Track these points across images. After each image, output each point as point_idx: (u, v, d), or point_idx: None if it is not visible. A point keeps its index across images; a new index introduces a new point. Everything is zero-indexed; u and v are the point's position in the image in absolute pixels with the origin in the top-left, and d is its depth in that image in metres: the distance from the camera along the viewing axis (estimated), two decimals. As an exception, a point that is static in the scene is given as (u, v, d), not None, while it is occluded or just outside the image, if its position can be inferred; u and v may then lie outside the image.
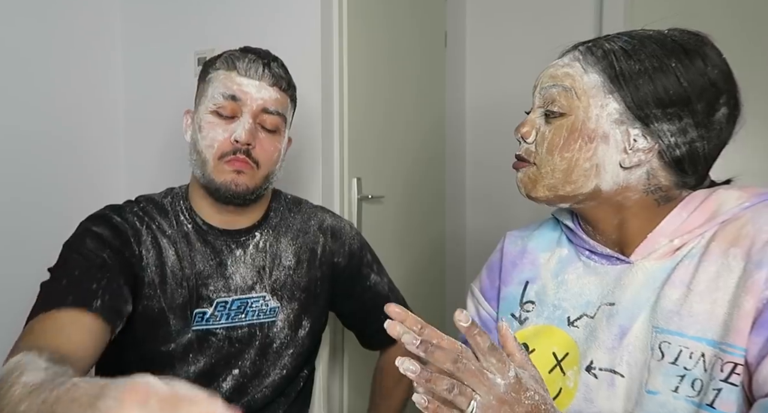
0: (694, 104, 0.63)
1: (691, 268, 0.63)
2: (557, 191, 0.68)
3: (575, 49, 0.69)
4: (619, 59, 0.64)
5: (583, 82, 0.66)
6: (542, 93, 0.70)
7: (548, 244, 0.80)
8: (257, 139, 0.88)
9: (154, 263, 0.88)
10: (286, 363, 0.97)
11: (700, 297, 0.61)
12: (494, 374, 0.52)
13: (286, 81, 0.92)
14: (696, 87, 0.63)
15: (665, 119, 0.63)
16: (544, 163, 0.68)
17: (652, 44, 0.64)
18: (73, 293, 0.76)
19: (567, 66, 0.68)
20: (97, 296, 0.76)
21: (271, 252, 0.97)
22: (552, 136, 0.67)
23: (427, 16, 1.87)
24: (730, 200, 0.64)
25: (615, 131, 0.65)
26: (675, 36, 0.66)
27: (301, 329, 0.98)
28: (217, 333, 0.91)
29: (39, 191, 1.33)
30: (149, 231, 0.89)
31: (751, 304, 0.57)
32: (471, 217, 2.21)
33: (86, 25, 1.44)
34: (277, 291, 0.96)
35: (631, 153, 0.65)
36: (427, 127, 1.86)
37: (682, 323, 0.61)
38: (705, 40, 0.66)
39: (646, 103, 0.63)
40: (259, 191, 0.91)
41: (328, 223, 1.05)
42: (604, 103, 0.65)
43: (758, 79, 1.66)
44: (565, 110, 0.66)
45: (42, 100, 1.33)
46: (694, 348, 0.60)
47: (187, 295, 0.89)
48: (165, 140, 1.47)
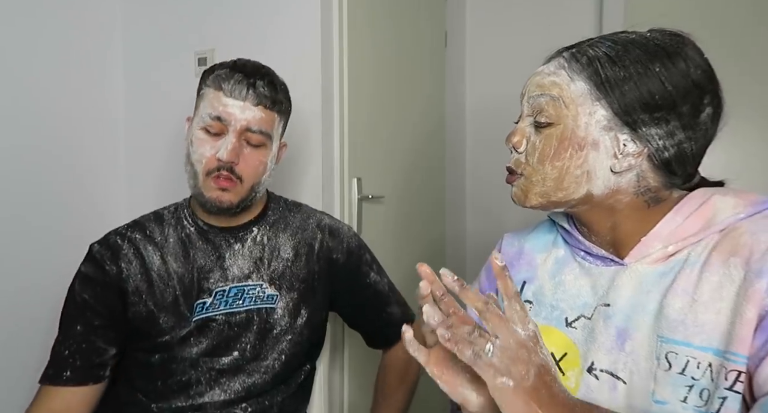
0: (680, 107, 0.64)
1: (694, 277, 0.63)
2: (549, 197, 0.69)
3: (560, 56, 0.70)
4: (604, 66, 0.65)
5: (570, 90, 0.66)
6: (530, 102, 0.70)
7: (544, 245, 0.81)
8: (241, 155, 0.94)
9: (138, 271, 0.97)
10: (284, 348, 1.01)
11: (705, 307, 0.61)
12: (515, 324, 0.55)
13: (270, 100, 0.95)
14: (680, 90, 0.63)
15: (653, 124, 0.64)
16: (534, 172, 0.69)
17: (636, 49, 0.65)
18: (53, 366, 0.93)
19: (553, 74, 0.68)
20: (67, 365, 0.92)
21: (269, 245, 1.03)
22: (543, 146, 0.68)
23: (427, 16, 1.87)
24: (726, 208, 0.65)
25: (604, 137, 0.65)
26: (657, 39, 0.66)
27: (299, 317, 1.02)
28: (216, 319, 0.98)
29: (39, 191, 1.32)
30: (130, 244, 0.99)
31: (753, 312, 0.57)
32: (471, 216, 2.21)
33: (86, 25, 1.44)
34: (275, 281, 1.01)
35: (621, 158, 0.65)
36: (427, 126, 1.86)
37: (687, 332, 0.62)
38: (686, 41, 0.66)
39: (633, 108, 0.64)
40: (245, 203, 0.98)
41: (326, 222, 1.10)
42: (592, 110, 0.65)
43: (757, 77, 1.66)
44: (554, 119, 0.67)
45: (42, 100, 1.33)
46: (701, 358, 0.60)
47: (180, 291, 0.97)
48: (165, 139, 1.47)
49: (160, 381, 0.96)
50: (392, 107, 1.62)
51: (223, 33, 1.39)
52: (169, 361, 0.96)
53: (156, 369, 0.96)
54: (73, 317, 0.96)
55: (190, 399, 0.96)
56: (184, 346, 0.96)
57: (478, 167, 2.17)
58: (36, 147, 1.32)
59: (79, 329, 0.94)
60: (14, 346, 1.26)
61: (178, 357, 0.96)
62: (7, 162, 1.26)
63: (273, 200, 1.09)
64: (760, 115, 1.65)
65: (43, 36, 1.34)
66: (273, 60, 1.32)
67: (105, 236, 1.02)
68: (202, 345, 0.97)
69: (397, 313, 1.12)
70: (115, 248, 0.98)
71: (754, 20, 1.68)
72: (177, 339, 0.96)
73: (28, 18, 1.31)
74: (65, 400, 0.92)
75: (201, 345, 0.96)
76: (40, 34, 1.33)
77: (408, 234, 1.74)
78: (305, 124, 1.30)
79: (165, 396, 0.96)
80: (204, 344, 0.97)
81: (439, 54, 1.96)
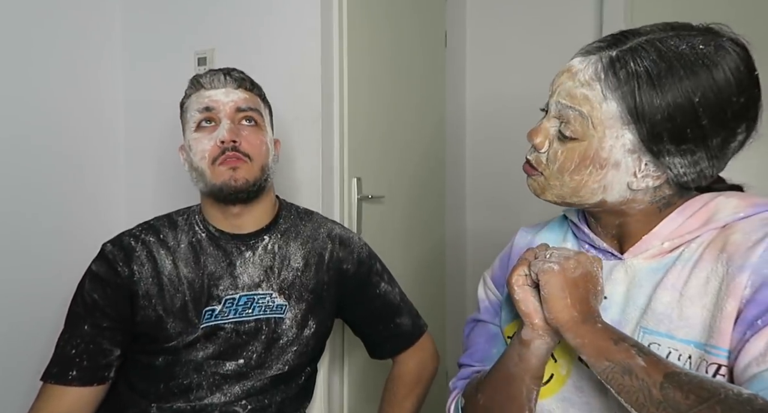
0: (710, 140, 0.62)
1: (685, 273, 0.65)
2: (564, 199, 0.70)
3: (599, 55, 0.65)
4: (641, 87, 0.61)
5: (601, 110, 0.63)
6: (558, 107, 0.68)
7: (555, 239, 0.82)
8: (241, 135, 0.95)
9: (150, 275, 0.96)
10: (289, 359, 1.01)
11: (691, 302, 0.63)
12: None
13: (248, 82, 1.01)
14: (716, 123, 0.61)
15: (678, 154, 0.63)
16: (553, 177, 0.69)
17: (681, 69, 0.60)
18: (58, 364, 0.92)
19: (587, 86, 0.64)
20: (73, 364, 0.91)
21: (279, 254, 1.02)
22: (564, 158, 0.67)
23: (427, 16, 1.87)
24: (727, 208, 0.65)
25: (627, 159, 0.65)
26: (707, 56, 0.60)
27: (306, 328, 1.02)
28: (225, 327, 0.97)
29: (38, 191, 1.32)
30: (144, 246, 0.98)
31: (732, 306, 0.59)
32: (471, 216, 2.21)
33: (86, 25, 1.44)
34: (285, 290, 1.01)
35: (640, 178, 0.65)
36: (427, 126, 1.86)
37: (672, 326, 0.63)
38: (739, 56, 0.62)
39: (661, 139, 0.62)
40: (259, 183, 0.97)
41: (337, 232, 1.10)
42: (619, 134, 0.63)
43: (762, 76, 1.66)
44: (579, 135, 0.65)
45: (41, 100, 1.33)
46: (682, 350, 0.62)
47: (189, 297, 0.96)
48: (165, 138, 1.47)
49: (162, 384, 0.95)
50: (392, 107, 1.62)
51: (223, 33, 1.39)
52: (172, 364, 0.95)
53: (158, 372, 0.96)
54: (81, 316, 0.94)
55: (191, 402, 0.95)
56: (189, 351, 0.95)
57: (479, 167, 2.17)
58: (36, 147, 1.32)
59: (86, 329, 0.93)
60: (14, 345, 1.26)
61: (182, 361, 0.95)
62: (7, 162, 1.26)
63: (285, 207, 1.08)
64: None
65: (43, 36, 1.33)
66: (273, 60, 1.33)
67: (118, 236, 1.00)
68: (208, 350, 0.96)
69: (407, 324, 1.10)
70: (128, 249, 0.97)
71: (751, 25, 1.68)
72: (183, 345, 0.95)
73: (28, 18, 1.31)
74: (70, 401, 0.91)
75: (207, 350, 0.96)
76: (40, 35, 1.33)
77: (408, 234, 1.74)
78: (305, 124, 1.30)
79: (165, 398, 0.95)
80: (210, 350, 0.96)
81: (439, 54, 1.96)
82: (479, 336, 0.86)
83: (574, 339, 0.63)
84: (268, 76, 1.15)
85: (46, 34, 1.34)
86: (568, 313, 0.63)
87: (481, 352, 0.84)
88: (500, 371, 0.72)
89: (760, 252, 0.59)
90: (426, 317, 1.17)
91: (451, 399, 0.83)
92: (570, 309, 0.63)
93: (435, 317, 1.87)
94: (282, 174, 1.30)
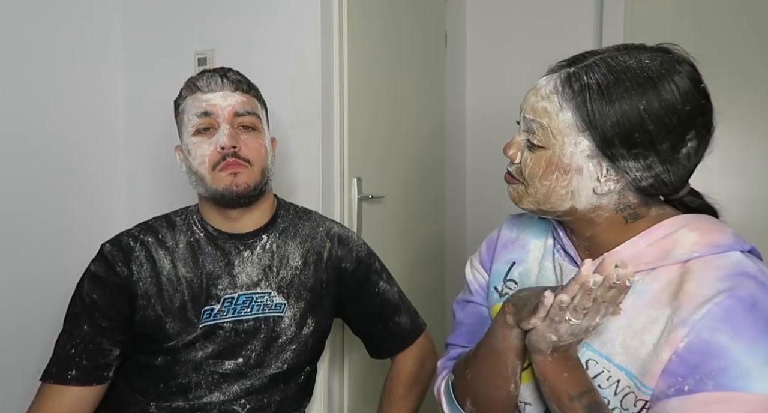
0: (659, 145, 0.66)
1: (637, 305, 0.68)
2: (540, 205, 0.75)
3: (558, 73, 0.71)
4: (592, 97, 0.67)
5: (558, 121, 0.69)
6: (525, 122, 0.74)
7: (540, 233, 0.86)
8: (240, 141, 0.95)
9: (148, 275, 0.96)
10: (288, 357, 1.01)
11: (635, 334, 0.67)
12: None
13: (245, 84, 1.00)
14: (662, 128, 0.65)
15: (630, 158, 0.67)
16: (528, 185, 0.75)
17: (627, 81, 0.66)
18: (58, 364, 0.93)
19: (546, 100, 0.70)
20: (73, 364, 0.92)
21: (278, 253, 1.02)
22: (533, 165, 0.73)
23: (427, 16, 1.87)
24: (684, 244, 0.68)
25: (588, 164, 0.69)
26: (652, 69, 0.66)
27: (305, 327, 1.02)
28: (224, 327, 0.97)
29: (39, 190, 1.33)
30: (143, 247, 0.98)
31: (666, 355, 0.64)
32: (471, 216, 2.21)
33: (86, 25, 1.44)
34: (284, 289, 1.01)
35: (603, 182, 0.70)
36: (427, 126, 1.86)
37: (613, 350, 0.69)
38: (683, 70, 0.67)
39: (612, 143, 0.67)
40: (260, 187, 0.98)
41: (336, 231, 1.10)
42: (576, 141, 0.69)
43: (760, 77, 1.66)
44: (544, 143, 0.71)
45: (41, 100, 1.33)
46: (614, 373, 0.68)
47: (188, 297, 0.96)
48: (165, 139, 1.47)
49: (161, 383, 0.96)
50: (392, 107, 1.62)
51: (223, 33, 1.39)
52: (171, 364, 0.95)
53: (157, 371, 0.96)
54: (80, 316, 0.95)
55: (190, 401, 0.96)
56: (188, 350, 0.95)
57: (478, 167, 2.17)
58: (36, 147, 1.32)
59: (86, 329, 0.94)
60: (14, 345, 1.26)
61: (182, 360, 0.95)
62: (7, 162, 1.26)
63: (283, 206, 1.08)
64: (755, 116, 1.66)
65: (43, 36, 1.34)
66: (273, 60, 1.33)
67: (117, 236, 1.01)
68: (207, 349, 0.96)
69: (406, 323, 1.11)
70: (127, 249, 0.98)
71: (751, 25, 1.68)
72: (182, 344, 0.95)
73: (28, 18, 1.31)
74: (69, 400, 0.91)
75: (206, 349, 0.96)
76: (40, 35, 1.33)
77: (408, 234, 1.74)
78: (305, 124, 1.30)
79: (164, 397, 0.96)
80: (209, 349, 0.96)
81: (439, 54, 1.96)
82: (469, 318, 0.91)
83: (540, 369, 0.68)
84: (268, 76, 1.15)
85: (46, 34, 1.34)
86: (544, 354, 0.68)
87: (471, 333, 0.87)
88: (486, 347, 0.75)
89: (704, 312, 0.62)
90: (425, 316, 1.17)
91: (440, 379, 0.85)
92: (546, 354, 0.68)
93: (434, 316, 1.87)
94: (282, 174, 1.30)
